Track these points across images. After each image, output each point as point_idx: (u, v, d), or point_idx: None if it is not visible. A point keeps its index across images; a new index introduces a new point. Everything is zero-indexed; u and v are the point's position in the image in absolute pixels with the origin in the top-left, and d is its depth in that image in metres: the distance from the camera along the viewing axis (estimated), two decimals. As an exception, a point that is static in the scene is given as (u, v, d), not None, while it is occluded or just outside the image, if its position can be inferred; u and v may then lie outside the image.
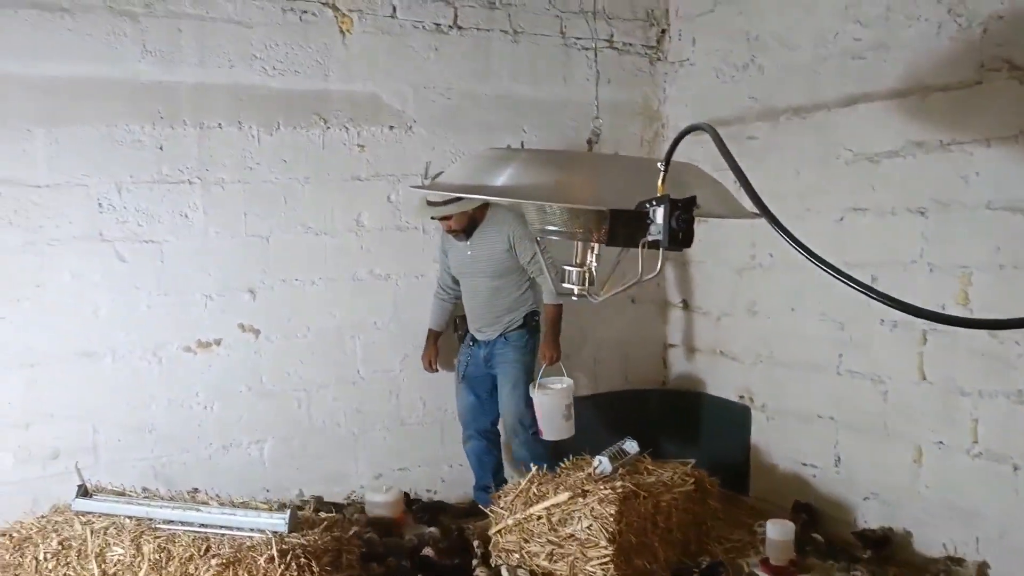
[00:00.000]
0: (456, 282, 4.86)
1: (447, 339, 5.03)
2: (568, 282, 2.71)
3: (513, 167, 2.50)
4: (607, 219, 2.37)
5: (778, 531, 4.04)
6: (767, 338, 5.05)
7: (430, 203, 4.47)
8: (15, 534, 3.46)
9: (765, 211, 1.76)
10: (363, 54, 4.78)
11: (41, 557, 3.37)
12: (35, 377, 4.19)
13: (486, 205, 4.60)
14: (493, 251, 4.63)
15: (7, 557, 3.44)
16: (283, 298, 4.69)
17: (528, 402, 4.68)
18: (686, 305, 5.67)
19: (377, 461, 4.99)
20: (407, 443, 5.05)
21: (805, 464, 4.83)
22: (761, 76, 4.97)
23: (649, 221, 2.16)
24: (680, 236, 2.07)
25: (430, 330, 4.97)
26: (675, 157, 2.27)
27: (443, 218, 4.54)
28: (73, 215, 4.22)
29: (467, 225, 4.59)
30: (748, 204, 2.80)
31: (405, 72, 4.90)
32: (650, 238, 2.14)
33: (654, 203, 2.13)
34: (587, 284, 2.70)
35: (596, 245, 2.63)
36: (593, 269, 2.68)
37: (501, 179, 2.47)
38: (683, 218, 2.07)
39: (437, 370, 4.98)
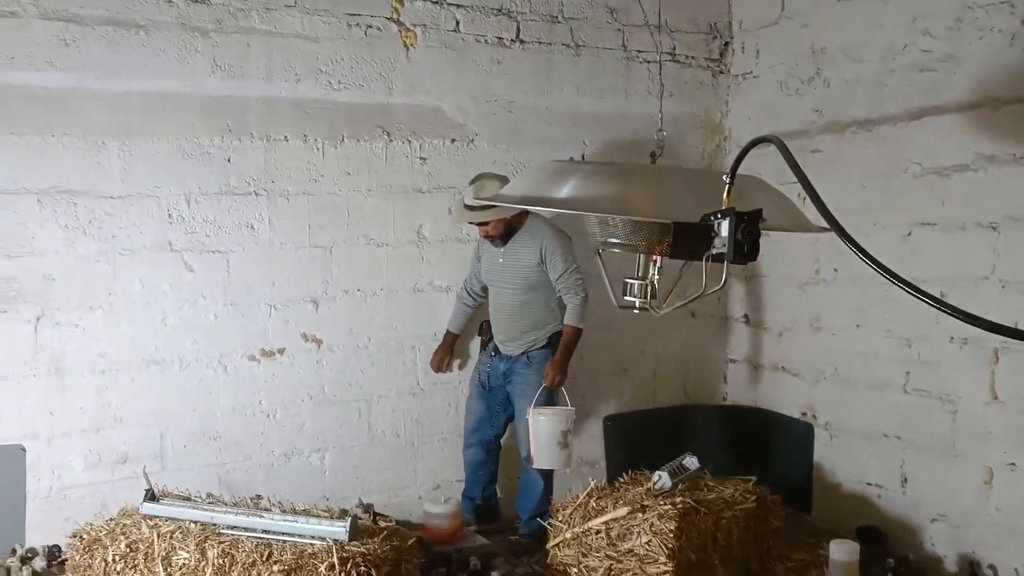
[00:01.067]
0: (483, 288, 4.82)
1: (463, 344, 5.03)
2: (630, 295, 2.70)
3: (575, 179, 2.51)
4: (671, 232, 2.36)
5: (842, 552, 3.96)
6: (831, 354, 4.96)
7: (467, 207, 4.48)
8: (85, 536, 3.56)
9: (834, 224, 1.73)
10: (426, 68, 4.83)
11: (110, 559, 3.45)
12: (106, 383, 4.30)
13: (525, 213, 4.56)
14: (524, 263, 4.57)
15: (77, 558, 3.53)
16: (345, 309, 4.75)
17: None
18: (748, 320, 5.60)
19: (436, 472, 5.01)
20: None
21: (870, 484, 4.73)
22: (826, 89, 4.91)
23: (714, 234, 2.14)
24: (746, 249, 2.06)
25: (448, 331, 4.93)
26: (739, 170, 2.25)
27: (480, 224, 4.54)
28: (144, 225, 4.33)
29: (504, 231, 4.56)
30: (814, 217, 2.77)
31: (468, 85, 4.94)
32: (715, 251, 2.13)
33: (719, 216, 2.11)
34: (649, 297, 2.69)
35: (659, 258, 2.62)
36: (655, 282, 2.66)
37: (564, 191, 2.48)
38: (749, 231, 2.06)
39: (447, 371, 4.95)
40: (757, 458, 5.36)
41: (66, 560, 3.68)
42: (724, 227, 2.08)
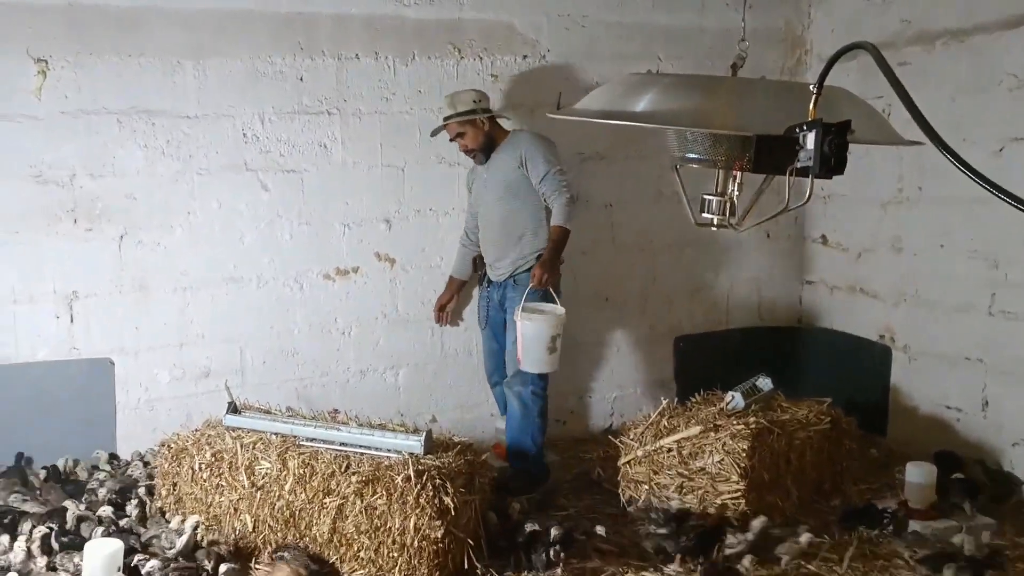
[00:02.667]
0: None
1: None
2: (708, 211, 2.65)
3: (653, 92, 2.44)
4: (752, 145, 2.29)
5: (919, 474, 3.91)
6: (912, 276, 4.83)
7: (447, 119, 4.37)
8: (173, 445, 3.69)
9: (933, 135, 1.65)
10: (498, -18, 4.73)
11: (196, 467, 3.58)
12: (187, 300, 4.42)
13: (503, 129, 4.44)
14: (506, 170, 4.36)
15: (166, 466, 3.68)
16: (418, 228, 4.76)
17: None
18: (825, 240, 5.47)
19: (507, 390, 5.05)
20: (537, 373, 5.09)
21: (949, 407, 4.64)
22: (916, -3, 4.67)
23: (799, 147, 2.08)
24: (832, 163, 1.99)
25: (451, 277, 4.79)
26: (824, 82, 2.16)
27: (457, 135, 4.38)
28: (220, 145, 4.38)
29: (483, 143, 4.39)
30: (902, 131, 2.66)
31: (540, 1, 4.83)
32: (799, 164, 2.07)
33: (805, 128, 2.04)
34: (728, 214, 2.63)
35: (738, 173, 2.55)
36: (735, 198, 2.60)
37: (641, 104, 2.42)
38: (836, 143, 1.99)
39: (446, 322, 4.83)
40: (832, 381, 5.29)
41: (155, 468, 3.84)
42: (810, 139, 2.02)
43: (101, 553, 3.07)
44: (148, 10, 4.18)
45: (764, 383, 4.21)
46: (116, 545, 3.13)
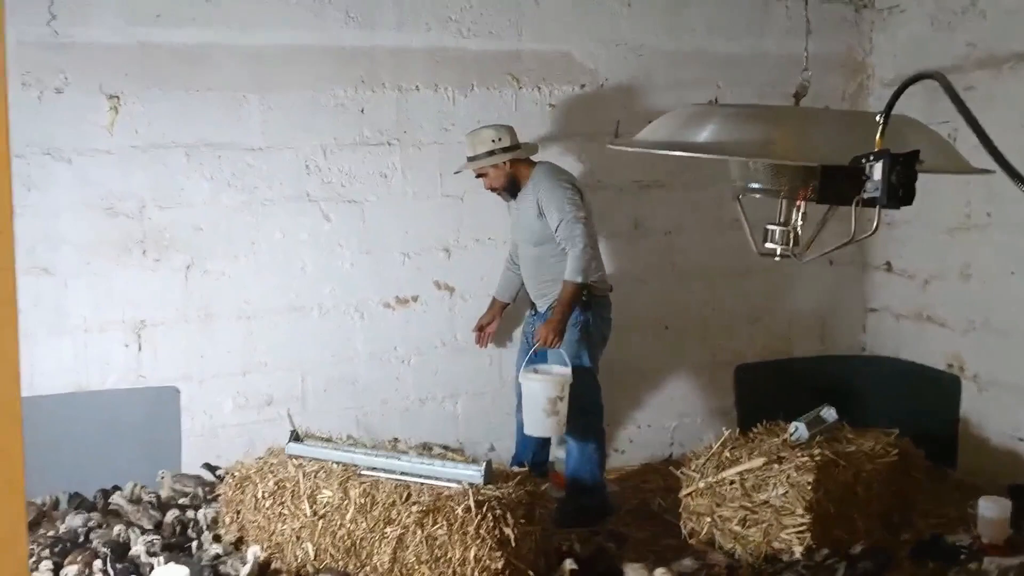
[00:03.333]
0: None
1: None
2: (771, 241, 2.63)
3: (715, 122, 2.44)
4: (817, 175, 2.27)
5: (993, 509, 3.79)
6: (982, 303, 4.71)
7: (468, 159, 4.32)
8: (237, 473, 3.74)
9: (1004, 164, 1.62)
10: (556, 13, 4.77)
11: (260, 495, 3.62)
12: (251, 329, 4.49)
13: (529, 164, 4.34)
14: (528, 216, 4.28)
15: (230, 493, 3.73)
16: (476, 257, 4.79)
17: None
18: (890, 267, 5.37)
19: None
20: (595, 402, 5.07)
21: (1022, 439, 4.50)
22: (982, 20, 4.59)
23: (865, 177, 2.06)
24: (901, 193, 1.97)
25: (493, 298, 4.71)
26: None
27: (480, 175, 4.34)
28: (283, 176, 4.46)
29: (507, 184, 4.31)
30: (969, 156, 2.61)
31: (598, 30, 4.85)
32: (866, 195, 2.05)
33: (872, 158, 2.02)
34: (791, 244, 2.61)
35: (802, 203, 2.53)
36: (798, 228, 2.58)
37: (703, 135, 2.42)
38: (905, 174, 1.96)
39: (485, 343, 4.74)
40: (898, 411, 5.15)
41: (219, 495, 3.89)
42: (877, 170, 2.00)
43: (167, 579, 3.12)
44: (215, 46, 4.29)
45: (828, 413, 4.14)
46: (183, 572, 3.17)
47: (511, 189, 4.34)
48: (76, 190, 4.19)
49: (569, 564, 3.49)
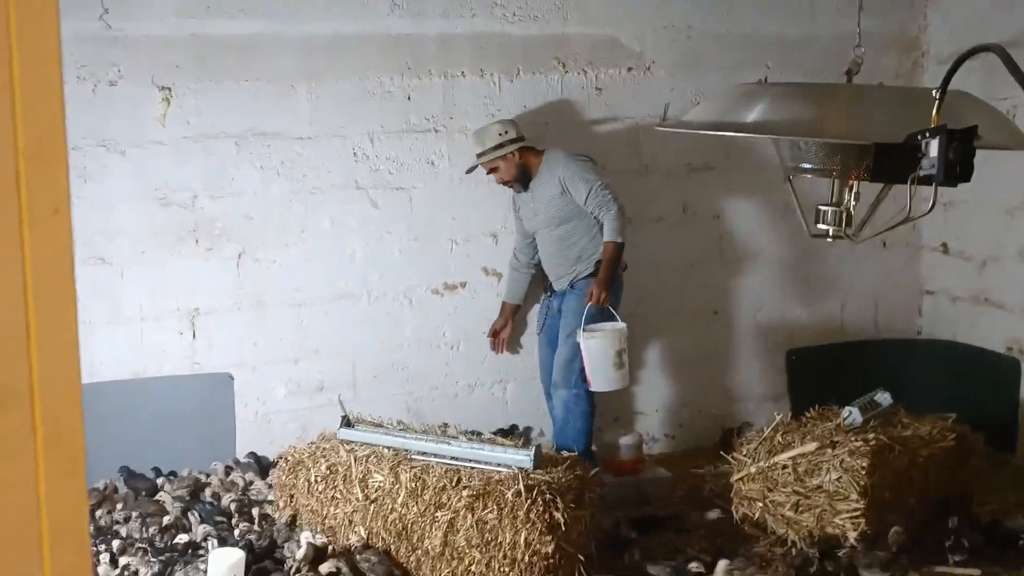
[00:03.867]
0: (531, 249, 4.57)
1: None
2: (823, 223, 2.59)
3: (765, 102, 2.40)
4: (871, 154, 2.23)
5: (1054, 494, 3.71)
6: (1043, 285, 4.60)
7: (478, 156, 4.32)
8: (290, 458, 3.80)
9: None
10: (602, -4, 4.73)
11: (312, 480, 3.67)
12: (302, 316, 4.54)
13: (537, 153, 4.35)
14: (550, 197, 4.31)
15: (283, 478, 3.78)
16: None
17: (578, 353, 4.21)
18: (946, 249, 5.25)
19: (615, 404, 5.02)
20: (645, 387, 5.05)
21: (1085, 424, 4.39)
22: (1042, -6, 4.46)
23: (921, 155, 2.02)
24: (958, 170, 1.92)
25: (503, 302, 4.70)
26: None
27: (491, 170, 4.36)
28: (332, 165, 4.50)
29: (518, 175, 4.34)
30: (1032, 135, 2.54)
31: (644, 12, 4.81)
32: (922, 173, 2.00)
33: (928, 134, 1.98)
34: (844, 224, 2.57)
35: (855, 183, 2.49)
36: (851, 208, 2.54)
37: (752, 115, 2.38)
38: (962, 150, 1.92)
39: (501, 349, 4.73)
40: (956, 395, 5.06)
41: (272, 481, 3.95)
42: (933, 146, 1.95)
43: (225, 563, 3.17)
44: (263, 37, 4.33)
45: (883, 398, 4.07)
46: (238, 555, 3.23)
47: (523, 180, 4.38)
48: (130, 181, 4.26)
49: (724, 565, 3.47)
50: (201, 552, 3.49)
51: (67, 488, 0.52)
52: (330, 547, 3.54)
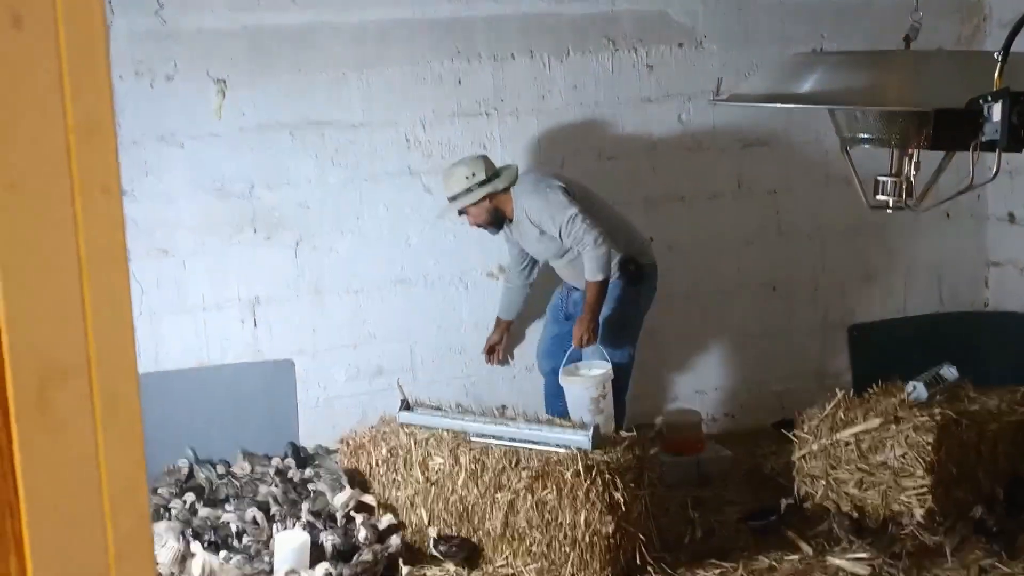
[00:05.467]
0: (525, 272, 4.48)
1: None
2: (882, 193, 2.54)
3: (820, 71, 2.36)
4: (931, 121, 2.18)
5: None
6: (1116, 253, 4.44)
7: (450, 200, 4.19)
8: (351, 441, 3.86)
9: None
10: (651, -28, 4.68)
11: (374, 463, 3.73)
12: (359, 303, 4.59)
13: (506, 190, 4.16)
14: (536, 237, 4.19)
15: (345, 461, 3.84)
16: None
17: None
18: (1012, 218, 5.11)
19: (675, 384, 5.00)
20: (704, 366, 5.01)
21: None
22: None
23: (983, 120, 1.96)
24: (1022, 134, 1.87)
25: (497, 318, 4.59)
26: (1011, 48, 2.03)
27: (460, 213, 4.22)
28: (384, 151, 4.52)
29: (490, 218, 4.19)
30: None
31: (695, -15, 4.75)
32: (984, 139, 1.95)
33: (989, 99, 1.92)
34: (904, 195, 2.51)
35: (915, 152, 2.43)
36: (911, 178, 2.48)
37: (807, 85, 2.34)
38: (1026, 113, 1.86)
39: (503, 362, 4.65)
40: (1025, 368, 4.94)
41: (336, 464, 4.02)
42: (996, 111, 1.90)
43: (290, 545, 3.24)
44: (316, 26, 4.37)
45: (948, 372, 3.99)
46: (303, 537, 3.29)
47: (496, 222, 4.24)
48: (189, 173, 4.34)
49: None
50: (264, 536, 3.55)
51: (126, 460, 0.54)
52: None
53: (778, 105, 2.68)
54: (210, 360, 4.46)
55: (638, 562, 3.38)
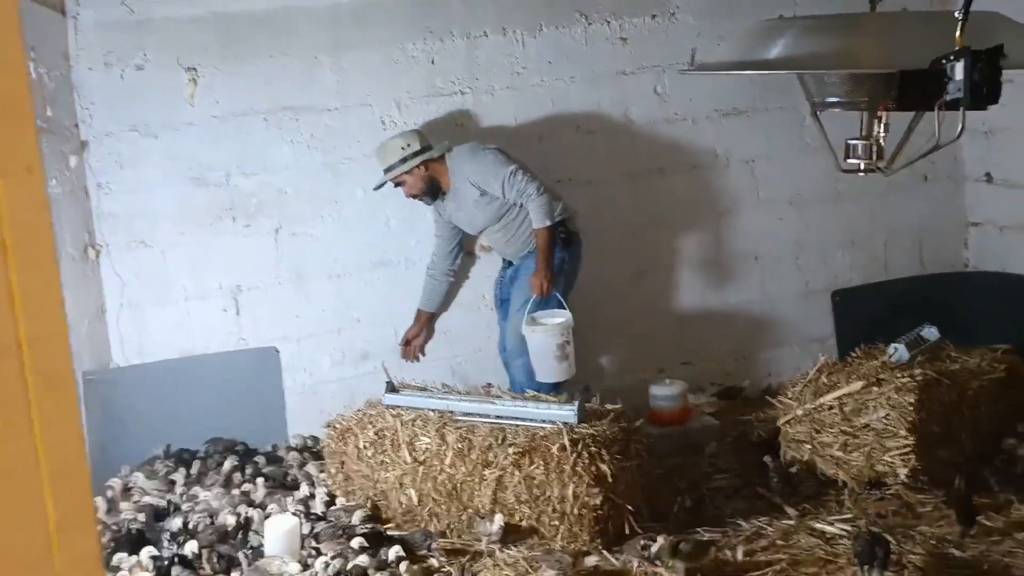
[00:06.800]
0: (451, 257, 4.54)
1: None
2: (853, 157, 2.54)
3: (787, 37, 2.36)
4: (897, 82, 2.18)
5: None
6: (1092, 208, 4.47)
7: (384, 172, 4.23)
8: (338, 425, 3.86)
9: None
10: (621, -58, 4.66)
11: (361, 446, 3.73)
12: (342, 287, 4.59)
13: (441, 158, 4.25)
14: (474, 201, 4.26)
15: (333, 445, 3.85)
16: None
17: None
18: (990, 178, 5.13)
19: (660, 355, 5.01)
20: (689, 337, 5.03)
21: None
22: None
23: (947, 79, 1.97)
24: (984, 91, 1.88)
25: (418, 310, 4.60)
26: (976, 7, 2.04)
27: (396, 183, 4.27)
28: (360, 134, 4.51)
29: (426, 188, 4.27)
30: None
31: (666, -44, 4.73)
32: (948, 97, 1.96)
33: (952, 58, 1.93)
34: (875, 158, 2.52)
35: (884, 114, 2.44)
36: (881, 141, 2.49)
37: (775, 51, 2.34)
38: (987, 71, 1.87)
39: (417, 358, 4.64)
40: (1007, 327, 4.96)
41: (323, 447, 4.02)
42: (958, 69, 1.91)
43: (280, 529, 3.25)
44: (286, 10, 4.35)
45: (930, 333, 4.01)
46: (292, 522, 3.31)
47: (432, 191, 4.31)
48: (165, 164, 4.32)
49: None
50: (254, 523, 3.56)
51: (64, 437, 0.55)
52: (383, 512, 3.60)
53: (748, 72, 2.69)
54: (194, 350, 4.45)
55: (627, 532, 3.40)
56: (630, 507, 3.42)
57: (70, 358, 0.59)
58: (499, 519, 3.38)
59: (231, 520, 3.46)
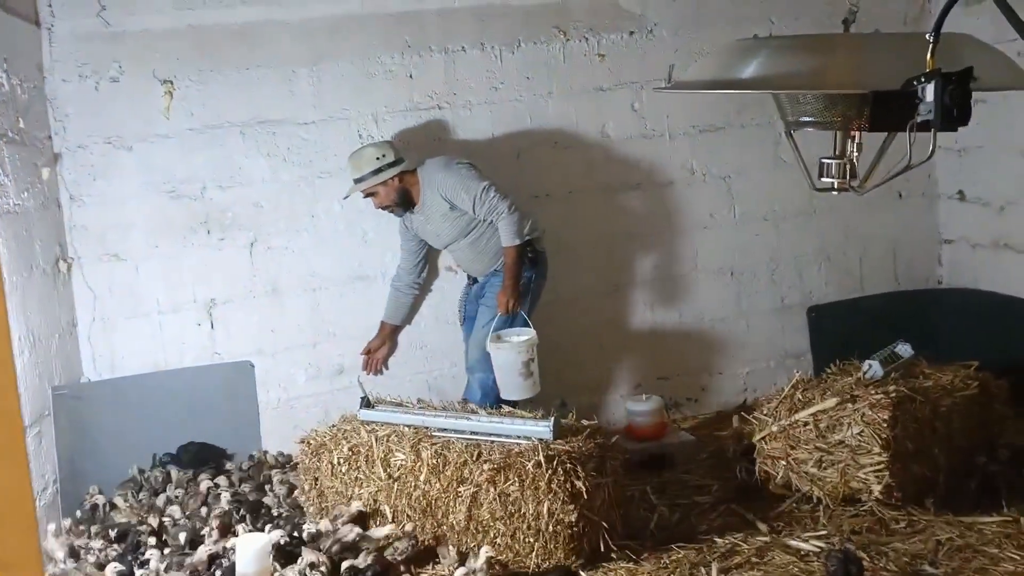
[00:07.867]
0: (416, 270, 4.56)
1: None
2: (827, 176, 2.56)
3: (762, 56, 2.37)
4: (869, 103, 2.20)
5: (1080, 438, 3.67)
6: (1063, 227, 4.52)
7: (355, 181, 4.24)
8: (312, 441, 3.82)
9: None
10: (599, -41, 4.68)
11: (335, 461, 3.70)
12: (318, 300, 4.57)
13: (413, 173, 4.27)
14: (443, 214, 4.27)
15: (307, 461, 3.81)
16: (540, 213, 4.73)
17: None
18: (962, 196, 5.18)
19: (636, 371, 5.02)
20: (665, 353, 5.04)
21: (1112, 365, 4.33)
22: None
23: (918, 100, 1.98)
24: (955, 113, 1.89)
25: (382, 322, 4.59)
26: (947, 30, 2.05)
27: (368, 195, 4.28)
28: (337, 148, 4.49)
29: (398, 199, 4.27)
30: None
31: (643, -28, 4.76)
32: (919, 119, 1.97)
33: (923, 80, 1.94)
34: (848, 177, 2.54)
35: (857, 134, 2.45)
36: (855, 160, 2.50)
37: (749, 70, 2.35)
38: (958, 93, 1.89)
39: (380, 371, 4.64)
40: (979, 344, 5.00)
41: (297, 463, 3.98)
42: (929, 91, 1.92)
43: (252, 547, 3.21)
44: (264, 23, 4.34)
45: (903, 349, 4.04)
46: (265, 539, 3.27)
47: (403, 203, 4.31)
48: (139, 176, 4.29)
49: None
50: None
51: (10, 476, 0.53)
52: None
53: (722, 91, 2.70)
54: (167, 364, 4.41)
55: (602, 549, 3.39)
56: (605, 524, 3.41)
57: (17, 397, 0.57)
58: (484, 551, 3.32)
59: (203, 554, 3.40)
